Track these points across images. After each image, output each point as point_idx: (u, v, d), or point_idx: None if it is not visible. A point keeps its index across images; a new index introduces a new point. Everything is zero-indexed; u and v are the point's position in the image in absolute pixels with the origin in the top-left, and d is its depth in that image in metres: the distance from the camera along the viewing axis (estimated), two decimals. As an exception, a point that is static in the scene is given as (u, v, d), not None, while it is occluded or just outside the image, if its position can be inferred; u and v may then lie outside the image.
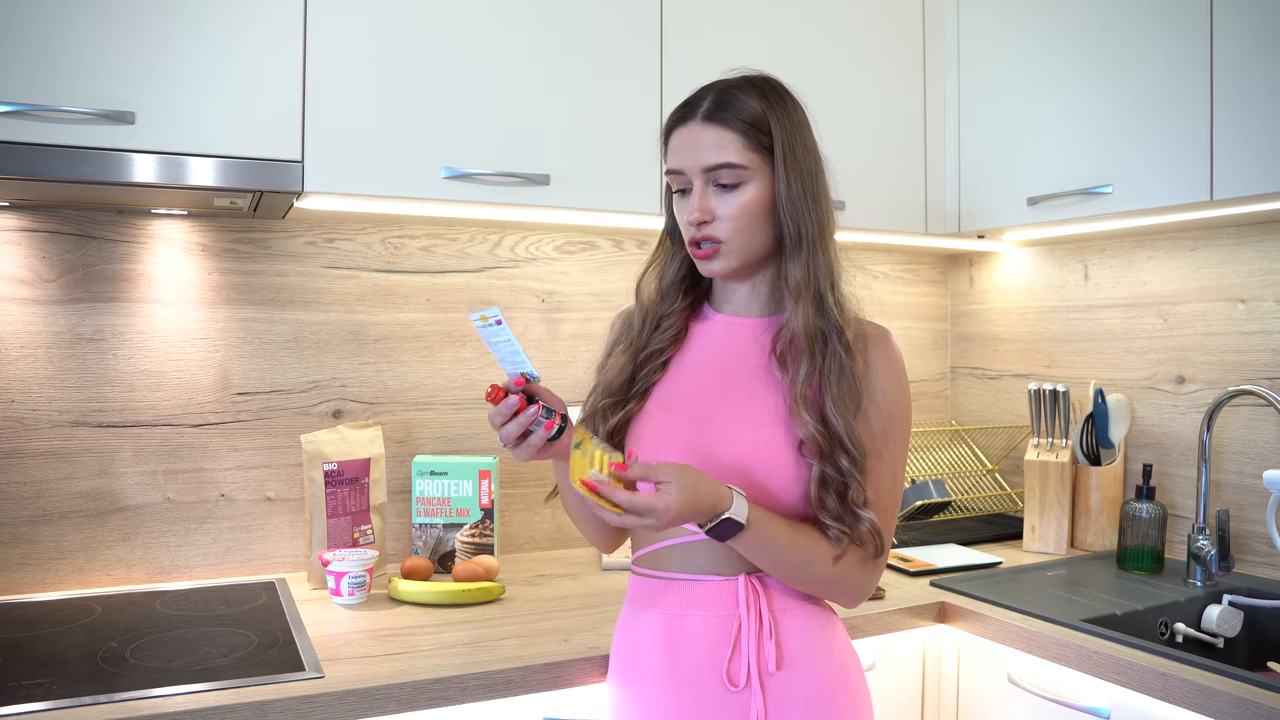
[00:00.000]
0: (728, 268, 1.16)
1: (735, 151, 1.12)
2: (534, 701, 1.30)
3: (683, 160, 1.14)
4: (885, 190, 2.00)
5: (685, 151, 1.14)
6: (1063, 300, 2.19)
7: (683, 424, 1.17)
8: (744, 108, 1.13)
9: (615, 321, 1.31)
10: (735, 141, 1.12)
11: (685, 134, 1.14)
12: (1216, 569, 1.70)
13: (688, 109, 1.15)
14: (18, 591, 1.61)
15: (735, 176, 1.12)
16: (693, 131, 1.14)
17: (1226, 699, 1.20)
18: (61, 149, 1.31)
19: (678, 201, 1.18)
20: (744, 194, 1.13)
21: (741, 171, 1.12)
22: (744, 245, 1.14)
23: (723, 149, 1.12)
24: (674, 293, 1.23)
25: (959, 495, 2.23)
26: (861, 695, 1.19)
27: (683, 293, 1.24)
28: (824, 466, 1.10)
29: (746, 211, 1.13)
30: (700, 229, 1.13)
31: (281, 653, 1.32)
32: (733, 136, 1.12)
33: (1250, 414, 1.81)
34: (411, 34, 1.56)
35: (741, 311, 1.22)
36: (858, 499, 1.10)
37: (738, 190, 1.13)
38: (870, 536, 1.11)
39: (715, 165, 1.12)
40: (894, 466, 1.16)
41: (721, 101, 1.14)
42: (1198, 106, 1.59)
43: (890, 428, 1.15)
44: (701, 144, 1.13)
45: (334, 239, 1.83)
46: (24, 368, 1.62)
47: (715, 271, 1.17)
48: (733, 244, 1.14)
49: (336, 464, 1.68)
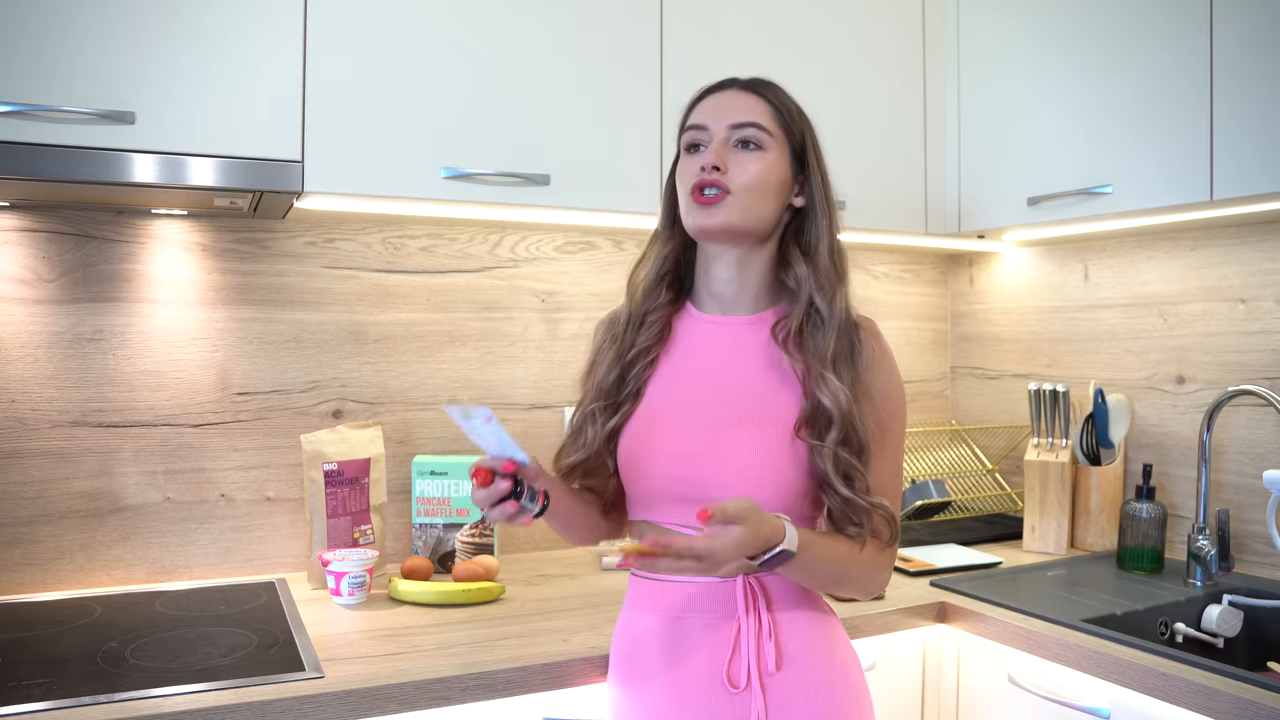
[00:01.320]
0: (728, 222, 1.14)
1: (765, 117, 1.16)
2: (534, 701, 1.30)
3: (709, 116, 1.17)
4: (885, 190, 2.00)
5: (714, 110, 1.18)
6: (1063, 300, 2.18)
7: (680, 425, 1.17)
8: (777, 92, 1.20)
9: (599, 328, 1.31)
10: (768, 111, 1.17)
11: (718, 97, 1.19)
12: (1216, 569, 1.70)
13: (722, 83, 1.21)
14: (18, 591, 1.61)
15: (759, 139, 1.15)
16: (727, 96, 1.18)
17: (1226, 699, 1.20)
18: (61, 149, 1.31)
19: (686, 160, 1.18)
20: (762, 158, 1.15)
21: (765, 136, 1.16)
22: (747, 205, 1.14)
23: (755, 111, 1.16)
24: (658, 288, 1.23)
25: (959, 495, 2.23)
26: (862, 695, 1.19)
27: (666, 287, 1.24)
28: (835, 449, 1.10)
29: (761, 175, 1.15)
30: (712, 174, 1.13)
31: (281, 653, 1.32)
32: (766, 107, 1.17)
33: (1250, 414, 1.81)
34: (412, 34, 1.56)
35: (728, 309, 1.22)
36: (863, 487, 1.11)
37: (758, 153, 1.15)
38: (884, 524, 1.13)
39: (744, 123, 1.15)
40: (895, 458, 1.19)
41: (757, 80, 1.20)
42: (1198, 106, 1.59)
43: (888, 420, 1.17)
44: (735, 104, 1.17)
45: (334, 239, 1.83)
46: (24, 368, 1.62)
47: (713, 224, 1.14)
48: (739, 199, 1.14)
49: (336, 464, 1.68)
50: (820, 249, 1.18)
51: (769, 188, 1.15)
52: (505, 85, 1.63)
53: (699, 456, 1.14)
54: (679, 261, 1.24)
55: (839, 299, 1.16)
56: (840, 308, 1.16)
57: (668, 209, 1.24)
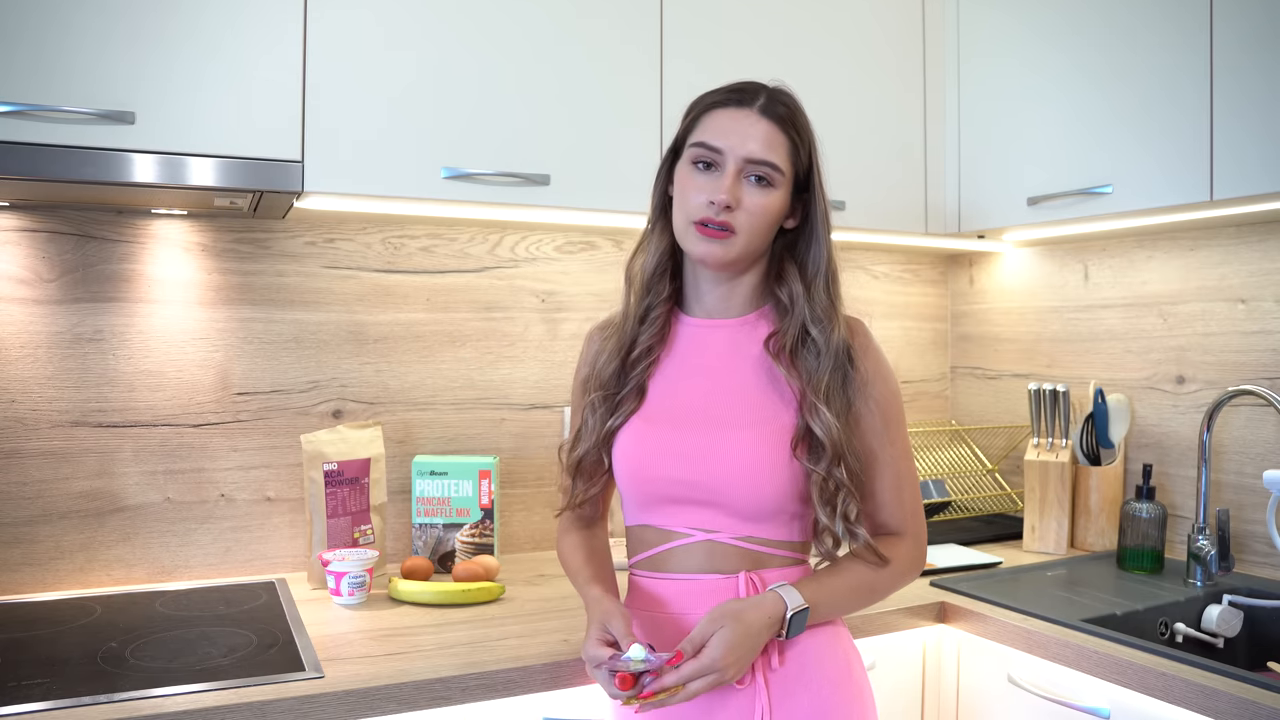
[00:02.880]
0: (728, 258, 1.15)
1: (781, 155, 1.14)
2: (534, 701, 1.30)
3: (726, 140, 1.14)
4: (885, 190, 2.00)
5: (734, 134, 1.14)
6: (1063, 300, 2.19)
7: (680, 426, 1.17)
8: (794, 117, 1.16)
9: (593, 335, 1.31)
10: (784, 146, 1.15)
11: (736, 116, 1.15)
12: (1216, 569, 1.70)
13: (741, 95, 1.16)
14: (18, 591, 1.61)
15: (772, 178, 1.14)
16: (747, 118, 1.14)
17: (1226, 699, 1.20)
18: (61, 149, 1.31)
19: (692, 174, 1.16)
20: (770, 196, 1.14)
21: (778, 175, 1.14)
22: (750, 243, 1.15)
23: (772, 148, 1.14)
24: (660, 280, 1.23)
25: (959, 495, 2.23)
26: (865, 691, 1.20)
27: (669, 279, 1.23)
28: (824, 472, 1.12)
29: (767, 213, 1.14)
30: (722, 213, 1.13)
31: (281, 653, 1.32)
32: (784, 140, 1.15)
33: (1250, 414, 1.81)
34: (412, 34, 1.56)
35: (717, 314, 1.22)
36: (850, 513, 1.13)
37: (767, 190, 1.14)
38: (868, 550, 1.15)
39: (762, 160, 1.13)
40: (903, 445, 1.21)
41: (776, 100, 1.16)
42: (1198, 106, 1.59)
43: (889, 414, 1.19)
44: (755, 133, 1.14)
45: (334, 239, 1.83)
46: (24, 368, 1.62)
47: (714, 257, 1.15)
48: (743, 238, 1.14)
49: (336, 464, 1.68)
50: (818, 277, 1.17)
51: (771, 223, 1.16)
52: (505, 85, 1.63)
53: (699, 458, 1.14)
54: (675, 252, 1.23)
55: (837, 332, 1.15)
56: (838, 340, 1.15)
57: (660, 201, 1.23)
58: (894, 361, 1.21)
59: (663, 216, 1.23)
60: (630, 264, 1.25)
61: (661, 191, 1.23)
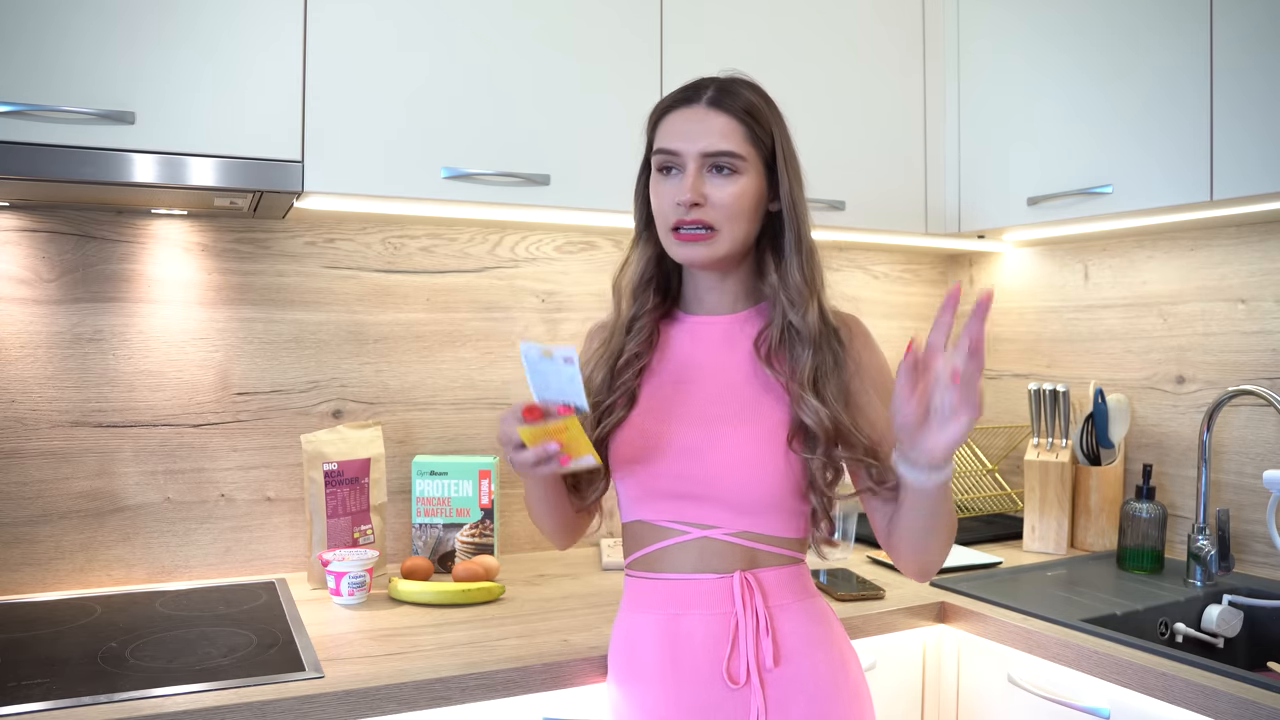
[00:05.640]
0: (714, 255, 1.14)
1: (737, 141, 1.12)
2: (534, 701, 1.30)
3: (680, 142, 1.13)
4: (885, 190, 2.00)
5: (684, 133, 1.13)
6: (1063, 300, 2.18)
7: (681, 422, 1.17)
8: (746, 101, 1.14)
9: (594, 333, 1.31)
10: (738, 130, 1.13)
11: (686, 115, 1.14)
12: (1216, 569, 1.70)
13: (688, 94, 1.16)
14: (18, 591, 1.61)
15: (734, 165, 1.12)
16: (695, 114, 1.14)
17: (1226, 699, 1.20)
18: (61, 149, 1.31)
19: (659, 182, 1.16)
20: (737, 183, 1.13)
21: (740, 161, 1.12)
22: (732, 236, 1.14)
23: (726, 136, 1.12)
24: (644, 293, 1.23)
25: (959, 495, 2.22)
26: (862, 691, 1.20)
27: (653, 291, 1.23)
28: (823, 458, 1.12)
29: (739, 201, 1.13)
30: (691, 211, 1.12)
31: (281, 653, 1.32)
32: (736, 125, 1.13)
33: (1250, 414, 1.81)
34: (414, 34, 1.56)
35: (712, 311, 1.23)
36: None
37: (734, 178, 1.13)
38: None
39: (718, 151, 1.12)
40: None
41: (725, 90, 1.15)
42: (1198, 106, 1.59)
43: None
44: (704, 128, 1.12)
45: (334, 239, 1.83)
46: (24, 368, 1.62)
47: (699, 258, 1.14)
48: (724, 232, 1.13)
49: (336, 464, 1.68)
50: (790, 260, 1.16)
51: (749, 210, 1.14)
52: (506, 85, 1.63)
53: (700, 452, 1.15)
54: (661, 262, 1.23)
55: (811, 312, 1.14)
56: (813, 320, 1.14)
57: (641, 213, 1.23)
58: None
59: (647, 229, 1.22)
60: (618, 277, 1.25)
61: (643, 204, 1.22)
